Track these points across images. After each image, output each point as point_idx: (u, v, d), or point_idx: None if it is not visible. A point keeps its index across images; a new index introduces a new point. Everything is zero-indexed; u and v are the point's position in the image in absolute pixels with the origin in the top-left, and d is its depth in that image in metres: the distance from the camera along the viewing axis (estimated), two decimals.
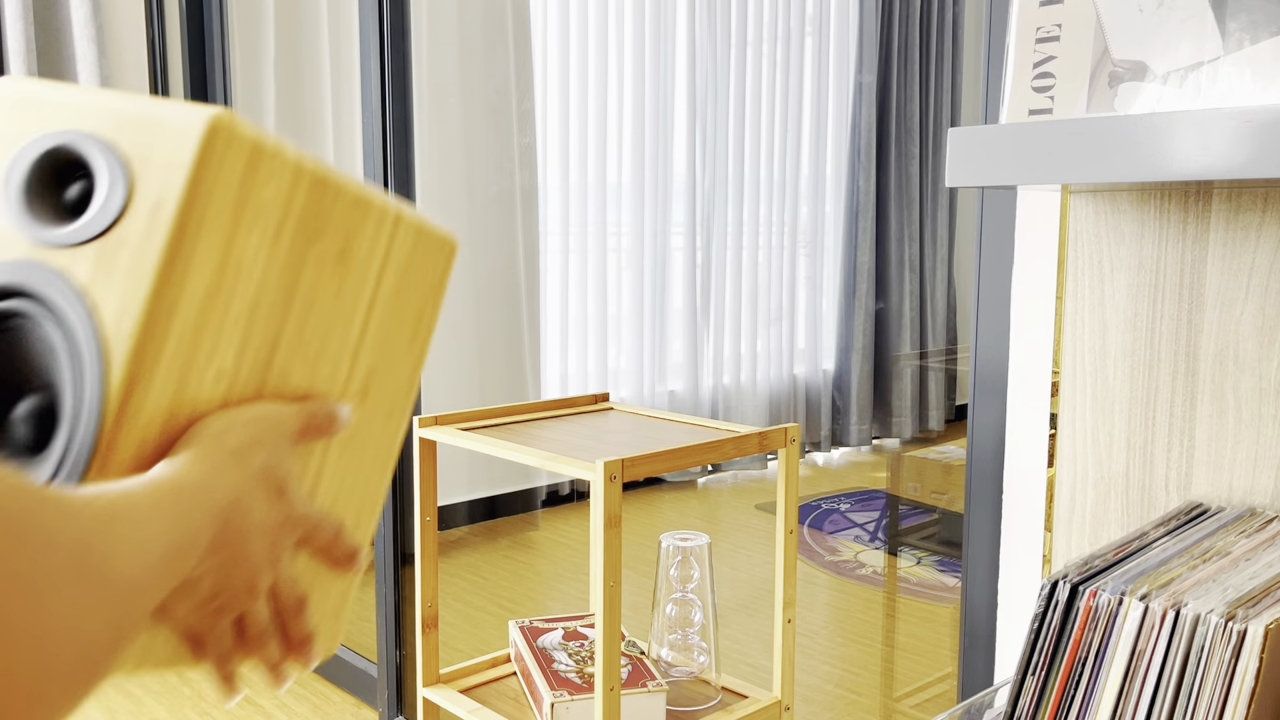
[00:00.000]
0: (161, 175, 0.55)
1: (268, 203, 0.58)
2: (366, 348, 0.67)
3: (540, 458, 1.16)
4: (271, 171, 0.58)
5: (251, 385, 0.60)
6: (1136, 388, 0.97)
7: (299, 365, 0.63)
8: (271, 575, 0.55)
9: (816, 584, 3.36)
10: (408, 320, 0.70)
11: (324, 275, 0.63)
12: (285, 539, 0.56)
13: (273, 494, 0.55)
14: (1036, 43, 0.77)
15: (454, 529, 3.87)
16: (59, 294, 0.56)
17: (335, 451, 0.66)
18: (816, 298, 5.10)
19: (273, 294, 0.60)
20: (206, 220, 0.56)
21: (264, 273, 0.59)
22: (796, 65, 4.84)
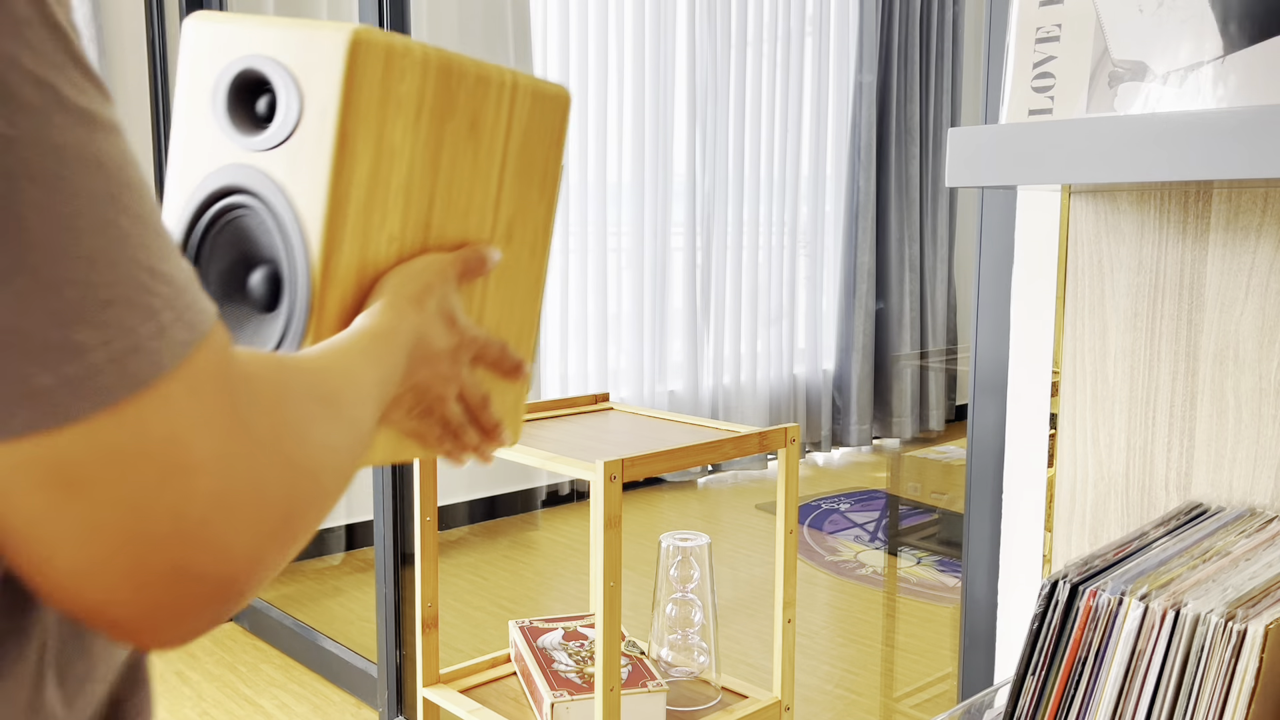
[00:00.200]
0: (322, 86, 0.69)
1: (405, 95, 0.72)
2: (505, 199, 0.82)
3: (540, 458, 1.16)
4: (405, 69, 0.71)
5: (416, 243, 0.74)
6: (1136, 388, 0.97)
7: (451, 222, 0.77)
8: (457, 385, 0.72)
9: (816, 584, 3.36)
10: (536, 170, 0.84)
11: (460, 146, 0.76)
12: (462, 357, 0.72)
13: (446, 325, 0.70)
14: (1036, 43, 0.77)
15: (454, 529, 3.87)
16: (266, 189, 0.71)
17: (492, 288, 0.81)
18: (816, 298, 5.10)
19: (421, 168, 0.74)
20: (360, 117, 0.69)
21: (411, 152, 0.73)
22: (796, 65, 4.84)
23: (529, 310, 0.86)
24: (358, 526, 3.58)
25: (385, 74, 0.70)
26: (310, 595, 3.20)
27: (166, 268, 0.38)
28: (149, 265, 0.37)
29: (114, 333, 0.35)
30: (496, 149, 0.80)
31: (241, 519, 0.39)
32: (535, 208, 0.85)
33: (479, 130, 0.78)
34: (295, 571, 3.39)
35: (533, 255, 0.86)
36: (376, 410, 0.57)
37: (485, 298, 0.82)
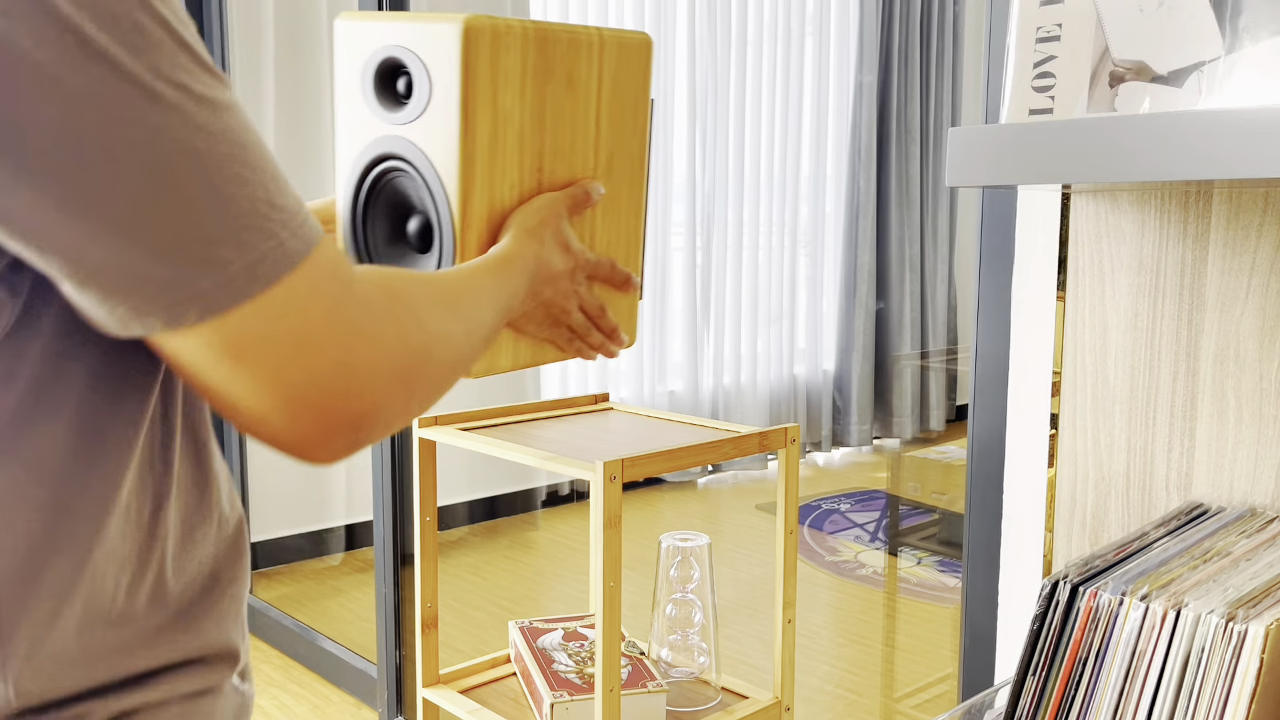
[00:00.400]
0: (445, 67, 0.85)
1: (511, 66, 0.87)
2: (603, 139, 0.97)
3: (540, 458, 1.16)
4: (508, 45, 0.87)
5: (532, 186, 0.90)
6: (1137, 388, 0.97)
7: (560, 165, 0.93)
8: (577, 299, 0.91)
9: (817, 584, 3.36)
10: (628, 110, 0.98)
11: (560, 100, 0.92)
12: (579, 275, 0.90)
13: (562, 250, 0.88)
14: (1037, 42, 0.77)
15: (454, 529, 3.87)
16: (412, 154, 0.89)
17: (600, 216, 0.97)
18: (816, 298, 5.09)
19: (530, 124, 0.90)
20: (476, 89, 0.86)
21: (521, 112, 0.89)
22: (796, 65, 4.84)
23: (633, 232, 1.01)
24: (358, 526, 3.58)
25: (493, 52, 0.86)
26: (310, 595, 3.20)
27: (282, 201, 0.52)
28: (268, 200, 0.51)
29: (247, 249, 0.50)
30: (591, 98, 0.94)
31: (362, 377, 0.55)
32: (629, 143, 1.00)
33: (575, 84, 0.92)
34: (294, 572, 3.39)
35: (631, 185, 1.01)
36: (496, 314, 0.75)
37: (595, 225, 0.98)
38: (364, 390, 0.55)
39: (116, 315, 0.50)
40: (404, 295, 0.61)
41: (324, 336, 0.53)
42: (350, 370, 0.55)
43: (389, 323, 0.58)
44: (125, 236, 0.47)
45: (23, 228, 0.47)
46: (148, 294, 0.49)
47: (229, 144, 0.50)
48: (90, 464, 0.54)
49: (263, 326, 0.51)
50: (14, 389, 0.51)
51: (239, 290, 0.50)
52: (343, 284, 0.55)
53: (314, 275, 0.53)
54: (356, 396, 0.55)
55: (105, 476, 0.55)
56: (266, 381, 0.52)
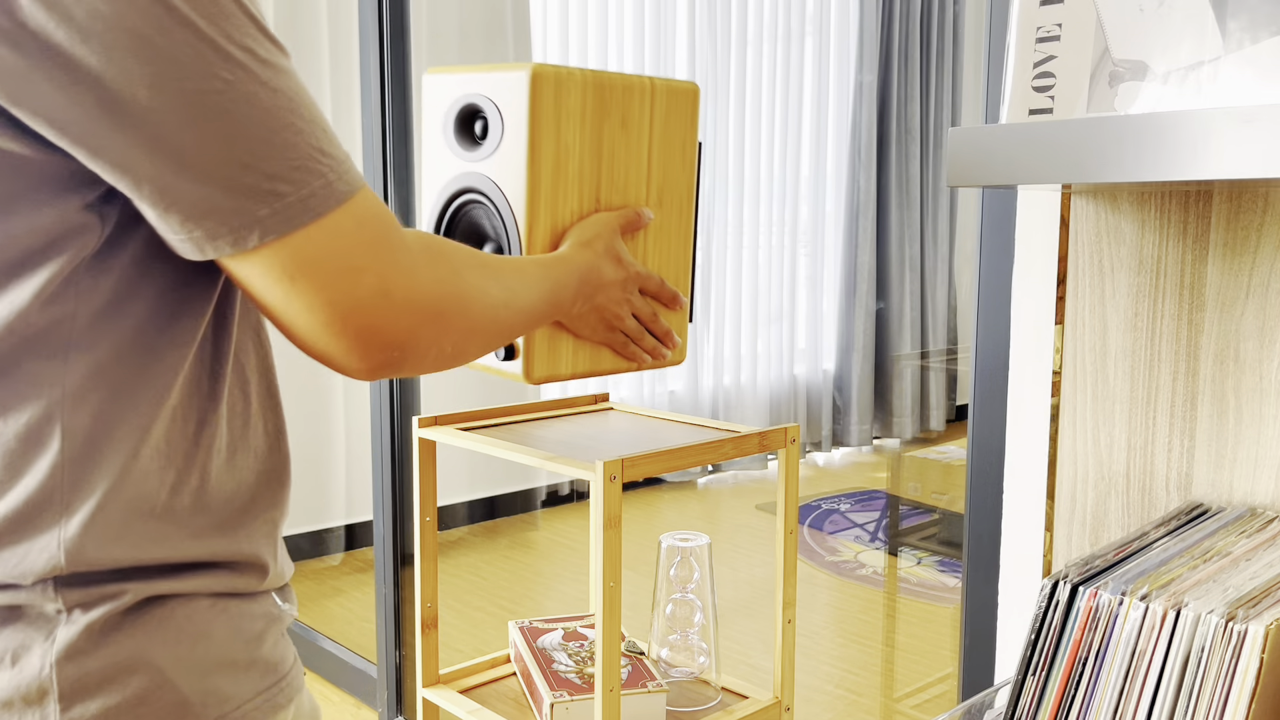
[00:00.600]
0: (515, 110, 1.00)
1: (572, 108, 1.01)
2: (654, 174, 1.10)
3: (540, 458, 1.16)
4: (569, 88, 1.01)
5: (590, 210, 1.04)
6: (1137, 388, 0.97)
7: (615, 196, 1.07)
8: (630, 306, 1.03)
9: (817, 584, 3.36)
10: (676, 149, 1.12)
11: (616, 138, 1.06)
12: (631, 286, 1.02)
13: (614, 262, 1.00)
14: (1037, 42, 0.77)
15: (454, 529, 3.87)
16: (486, 187, 1.03)
17: (651, 244, 1.10)
18: (817, 297, 5.09)
19: (589, 158, 1.04)
20: (542, 128, 1.00)
21: (580, 147, 1.03)
22: (797, 65, 4.84)
23: (682, 260, 1.14)
24: (357, 527, 3.58)
25: (556, 95, 1.00)
26: (310, 595, 3.20)
27: (331, 149, 0.62)
28: (318, 147, 0.61)
29: (299, 185, 0.60)
30: (643, 137, 1.08)
31: (397, 304, 0.65)
32: (678, 179, 1.12)
33: (629, 125, 1.06)
34: (295, 572, 3.39)
35: (680, 217, 1.13)
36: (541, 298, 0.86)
37: (646, 252, 1.10)
38: (399, 316, 0.65)
39: (194, 239, 0.60)
40: (442, 249, 0.71)
41: (365, 265, 0.63)
42: (387, 296, 0.64)
43: (425, 264, 0.67)
44: (201, 171, 0.57)
45: (120, 164, 0.57)
46: (218, 219, 0.59)
47: (287, 99, 0.60)
48: (146, 370, 0.63)
49: (312, 252, 0.61)
50: (100, 294, 0.61)
51: (292, 218, 0.60)
52: (385, 225, 0.64)
53: (358, 213, 0.63)
54: (392, 321, 0.65)
55: (156, 384, 0.64)
56: (315, 301, 0.62)
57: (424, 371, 0.71)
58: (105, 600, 0.63)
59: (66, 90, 0.55)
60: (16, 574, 0.61)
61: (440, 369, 0.73)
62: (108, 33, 0.54)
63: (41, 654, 0.62)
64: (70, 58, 0.54)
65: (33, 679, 0.61)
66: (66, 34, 0.54)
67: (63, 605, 0.62)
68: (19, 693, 0.61)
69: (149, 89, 0.55)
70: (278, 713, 0.70)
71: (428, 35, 3.53)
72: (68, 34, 0.54)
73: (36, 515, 0.61)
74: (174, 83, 0.55)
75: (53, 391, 0.61)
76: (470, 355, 0.74)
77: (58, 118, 0.55)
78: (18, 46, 0.54)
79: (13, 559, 0.61)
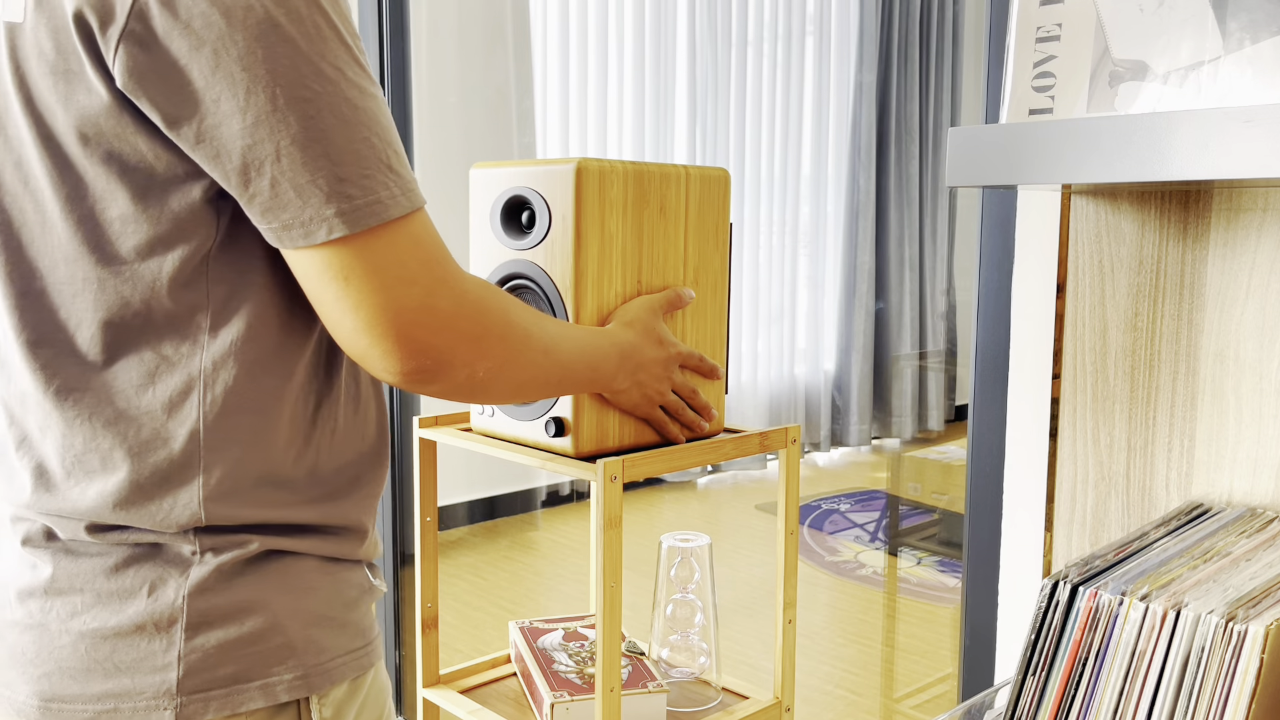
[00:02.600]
0: (561, 201, 1.07)
1: (614, 198, 1.09)
2: (691, 254, 1.17)
3: (540, 458, 1.16)
4: (612, 180, 1.09)
5: (633, 293, 1.11)
6: (1137, 388, 0.97)
7: (655, 277, 1.14)
8: (669, 383, 1.09)
9: (817, 584, 3.36)
10: (710, 230, 1.19)
11: (655, 224, 1.13)
12: (672, 365, 1.09)
13: (655, 344, 1.06)
14: (1037, 42, 0.77)
15: (454, 529, 3.87)
16: (535, 273, 1.11)
17: (689, 317, 1.17)
18: (816, 298, 5.09)
19: (630, 244, 1.11)
20: (587, 218, 1.07)
21: (622, 235, 1.10)
22: (797, 65, 4.84)
23: (718, 332, 1.21)
24: None
25: (600, 187, 1.07)
26: None
27: (399, 168, 0.68)
28: (388, 164, 0.67)
29: (368, 192, 0.66)
30: (680, 220, 1.16)
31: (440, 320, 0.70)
32: (713, 258, 1.20)
33: (666, 210, 1.14)
34: None
35: (715, 292, 1.21)
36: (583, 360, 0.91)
37: (685, 327, 1.18)
38: (440, 331, 0.70)
39: (273, 230, 0.66)
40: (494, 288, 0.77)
41: (416, 277, 0.68)
42: (432, 310, 0.69)
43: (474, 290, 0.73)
44: (281, 169, 0.64)
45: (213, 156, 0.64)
46: (293, 212, 0.65)
47: (366, 116, 0.66)
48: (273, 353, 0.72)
49: (369, 257, 0.67)
50: (227, 283, 0.70)
51: (358, 219, 0.66)
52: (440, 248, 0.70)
53: (416, 230, 0.69)
54: (433, 333, 0.69)
55: (282, 366, 0.72)
56: (363, 303, 0.67)
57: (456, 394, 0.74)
58: (234, 547, 0.72)
59: (179, 89, 0.63)
60: (163, 524, 0.71)
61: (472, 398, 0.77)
62: (218, 41, 0.62)
63: (176, 587, 0.71)
64: (185, 60, 0.63)
65: (166, 607, 0.71)
66: (184, 40, 0.62)
67: (198, 548, 0.72)
68: (152, 618, 0.71)
69: (246, 92, 0.63)
70: (364, 673, 0.79)
71: (428, 35, 3.53)
72: (185, 40, 0.62)
73: (178, 475, 0.71)
74: (268, 88, 0.63)
75: (190, 368, 0.70)
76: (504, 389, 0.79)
77: (169, 111, 0.63)
78: (145, 47, 0.63)
79: (160, 511, 0.71)
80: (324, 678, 0.75)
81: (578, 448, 1.12)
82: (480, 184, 1.18)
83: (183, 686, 0.71)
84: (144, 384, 0.70)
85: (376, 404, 0.82)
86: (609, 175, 1.09)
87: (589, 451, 1.12)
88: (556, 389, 0.89)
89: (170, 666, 0.71)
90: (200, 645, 0.71)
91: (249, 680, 0.72)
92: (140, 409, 0.70)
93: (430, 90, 3.54)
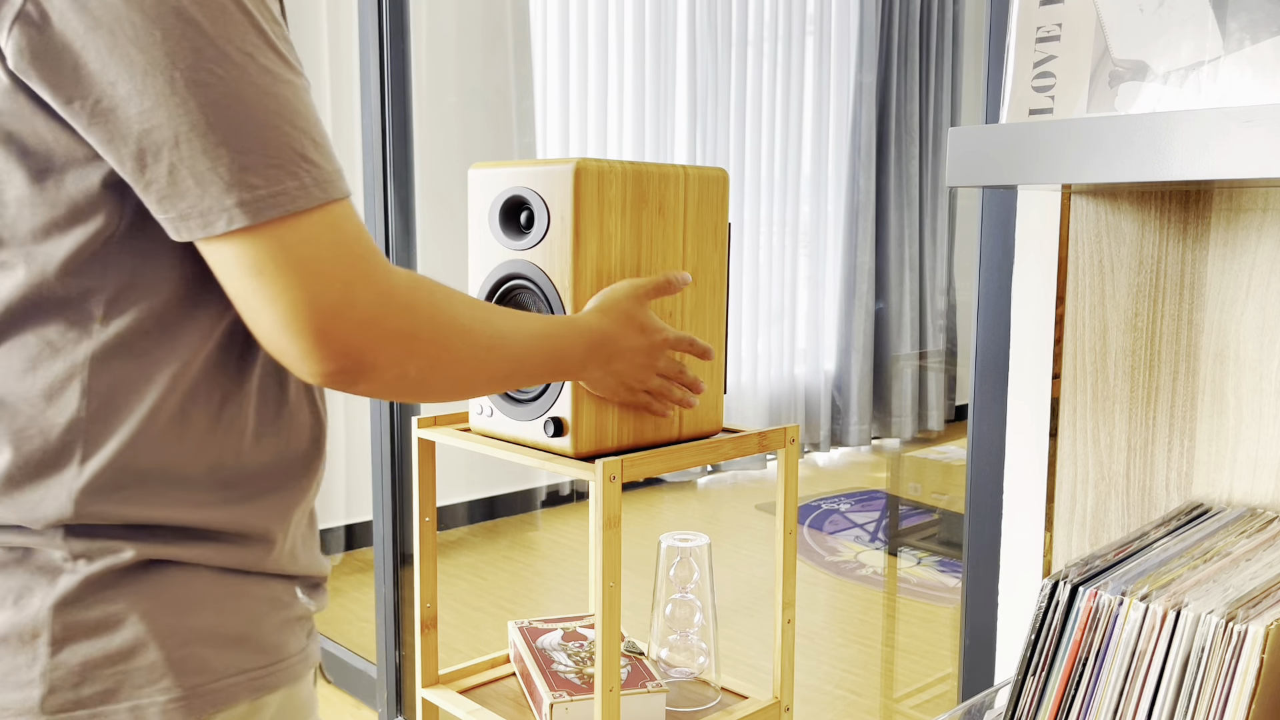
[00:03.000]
0: (560, 201, 1.07)
1: (613, 198, 1.09)
2: (690, 254, 1.18)
3: (540, 458, 1.16)
4: (610, 180, 1.09)
5: None
6: (1137, 388, 0.97)
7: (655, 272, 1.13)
8: (652, 370, 1.05)
9: (816, 584, 3.36)
10: (709, 231, 1.20)
11: (653, 223, 1.14)
12: (656, 352, 1.04)
13: (636, 330, 1.02)
14: (1037, 42, 0.77)
15: (453, 529, 3.87)
16: (533, 273, 1.11)
17: (688, 317, 1.18)
18: (817, 298, 5.09)
19: (629, 244, 1.11)
20: (586, 217, 1.07)
21: (621, 233, 1.10)
22: (797, 65, 4.84)
23: (716, 332, 1.22)
24: (357, 527, 3.58)
25: (599, 187, 1.07)
26: None
27: (315, 156, 0.64)
28: (301, 153, 0.63)
29: (272, 181, 0.62)
30: (679, 220, 1.16)
31: (360, 315, 0.65)
32: (712, 258, 1.20)
33: (665, 210, 1.14)
34: None
35: (714, 293, 1.21)
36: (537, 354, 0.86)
37: (684, 326, 1.18)
38: (362, 329, 0.66)
39: (170, 220, 0.63)
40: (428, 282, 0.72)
41: (333, 272, 0.64)
42: (352, 306, 0.65)
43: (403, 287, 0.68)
44: (182, 153, 0.61)
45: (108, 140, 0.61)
46: (191, 201, 0.62)
47: (278, 102, 0.63)
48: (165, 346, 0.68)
49: (279, 250, 0.63)
50: (123, 272, 0.66)
51: (260, 210, 0.62)
52: (362, 242, 0.66)
53: (334, 222, 0.65)
54: (352, 332, 0.65)
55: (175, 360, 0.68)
56: (278, 300, 0.63)
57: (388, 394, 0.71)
58: (107, 554, 0.68)
59: (74, 70, 0.60)
60: (30, 518, 0.67)
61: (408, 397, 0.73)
62: (115, 22, 0.59)
63: (42, 597, 0.67)
64: (80, 42, 0.60)
65: (30, 619, 0.66)
66: (80, 21, 0.60)
67: (69, 554, 0.67)
68: (15, 630, 0.66)
69: (144, 74, 0.60)
70: (261, 695, 0.72)
71: (428, 35, 3.52)
72: (81, 21, 0.60)
73: (52, 465, 0.67)
74: (166, 71, 0.60)
75: (76, 355, 0.66)
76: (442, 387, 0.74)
77: (62, 94, 0.61)
78: (39, 29, 0.60)
79: (28, 504, 0.67)
80: (208, 700, 0.70)
81: (577, 448, 1.12)
82: (479, 184, 1.18)
83: (46, 705, 0.66)
84: (26, 370, 0.66)
85: (310, 411, 0.78)
86: (608, 175, 1.09)
87: (588, 451, 1.12)
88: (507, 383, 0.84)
89: (34, 683, 0.66)
90: (65, 661, 0.66)
91: (117, 701, 0.67)
92: (19, 396, 0.67)
93: (430, 90, 3.53)
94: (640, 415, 1.16)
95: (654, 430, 1.17)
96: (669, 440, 1.19)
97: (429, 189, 3.57)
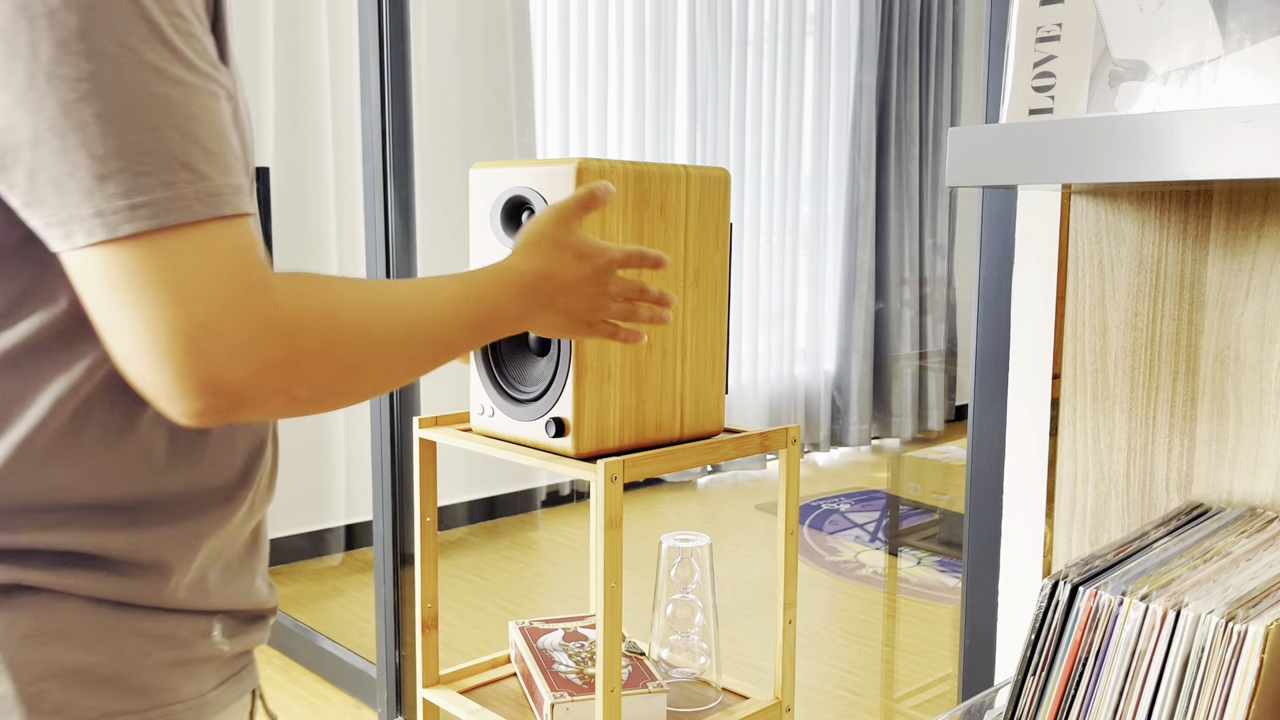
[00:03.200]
0: None
1: (614, 198, 1.08)
2: (691, 254, 1.18)
3: (540, 458, 1.16)
4: (612, 180, 1.08)
5: None
6: (1137, 388, 0.97)
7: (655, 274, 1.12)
8: (606, 295, 0.92)
9: (817, 584, 3.36)
10: (710, 231, 1.19)
11: (655, 223, 1.14)
12: (603, 275, 0.91)
13: (573, 258, 0.89)
14: (1037, 42, 0.77)
15: (454, 529, 3.87)
16: None
17: (689, 320, 1.17)
18: (817, 298, 5.09)
19: (631, 242, 1.10)
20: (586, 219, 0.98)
21: (622, 234, 1.11)
22: (797, 65, 4.84)
23: (718, 331, 1.22)
24: (357, 527, 3.58)
25: None
26: (310, 596, 3.20)
27: (202, 167, 0.56)
28: (182, 161, 0.55)
29: (135, 192, 0.54)
30: (680, 221, 1.16)
31: (233, 350, 0.57)
32: (713, 258, 1.20)
33: (666, 211, 1.15)
34: (294, 572, 3.39)
35: (716, 293, 1.21)
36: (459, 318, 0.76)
37: (685, 328, 1.17)
38: (231, 361, 0.57)
39: (37, 229, 0.57)
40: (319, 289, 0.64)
41: (197, 295, 0.56)
42: (220, 335, 0.57)
43: (285, 308, 0.60)
44: (40, 155, 0.55)
45: None
46: (51, 209, 0.55)
47: (162, 103, 0.55)
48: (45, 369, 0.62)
49: (140, 268, 0.55)
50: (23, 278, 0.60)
51: (117, 223, 0.55)
52: (242, 262, 0.58)
53: (209, 241, 0.57)
54: (222, 364, 0.57)
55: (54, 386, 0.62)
56: (136, 322, 0.56)
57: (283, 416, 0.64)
58: None
59: None
60: None
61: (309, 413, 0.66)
62: None
63: None
64: None
65: None
66: None
67: None
68: None
69: (4, 69, 0.54)
70: None
71: (428, 36, 3.53)
72: None
73: None
74: (27, 65, 0.54)
75: None
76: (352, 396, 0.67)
77: None
78: None
79: None
80: None
81: (578, 448, 1.12)
82: (480, 184, 1.18)
83: None
84: None
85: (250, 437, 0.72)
86: (609, 175, 1.10)
87: (589, 452, 1.12)
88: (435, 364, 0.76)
89: None
90: None
91: None
92: None
93: (430, 90, 3.53)
94: (640, 415, 1.16)
95: (655, 430, 1.17)
96: (670, 440, 1.19)
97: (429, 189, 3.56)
